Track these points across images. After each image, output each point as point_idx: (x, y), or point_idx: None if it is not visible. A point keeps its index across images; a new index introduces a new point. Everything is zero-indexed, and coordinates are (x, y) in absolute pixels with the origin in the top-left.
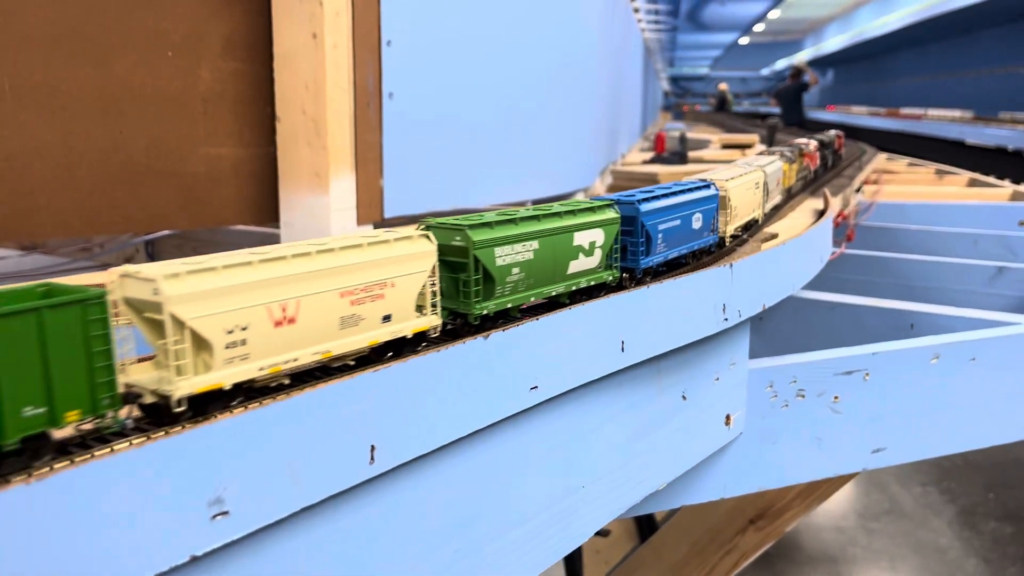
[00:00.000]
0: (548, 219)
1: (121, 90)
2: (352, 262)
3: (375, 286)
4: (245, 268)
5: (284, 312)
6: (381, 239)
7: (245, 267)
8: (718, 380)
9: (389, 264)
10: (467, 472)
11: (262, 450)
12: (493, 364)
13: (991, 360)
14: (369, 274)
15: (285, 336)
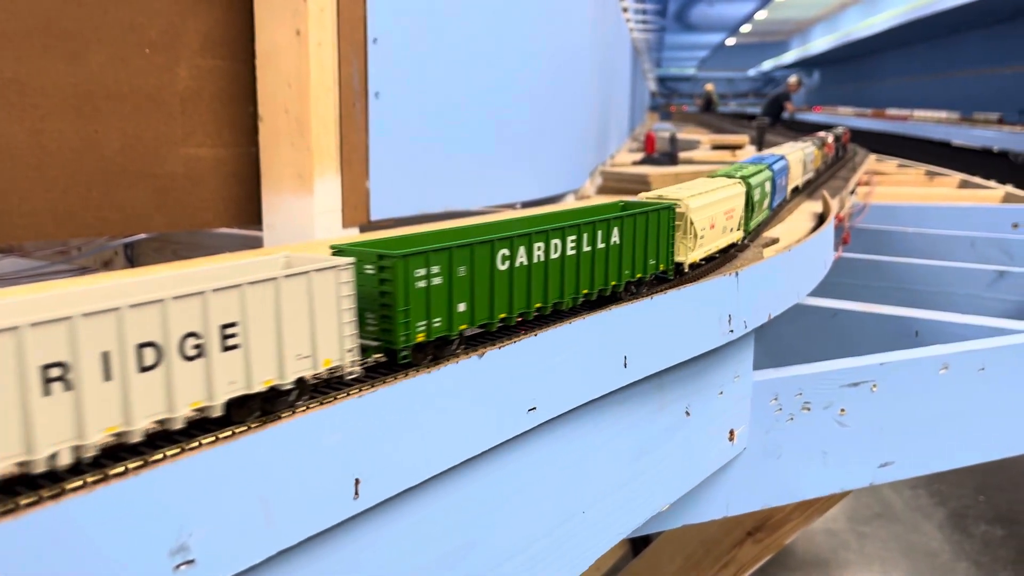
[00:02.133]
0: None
1: (95, 87)
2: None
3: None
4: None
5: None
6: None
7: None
8: (722, 394)
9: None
10: (460, 501)
11: (232, 489)
12: (488, 385)
13: (1000, 370)
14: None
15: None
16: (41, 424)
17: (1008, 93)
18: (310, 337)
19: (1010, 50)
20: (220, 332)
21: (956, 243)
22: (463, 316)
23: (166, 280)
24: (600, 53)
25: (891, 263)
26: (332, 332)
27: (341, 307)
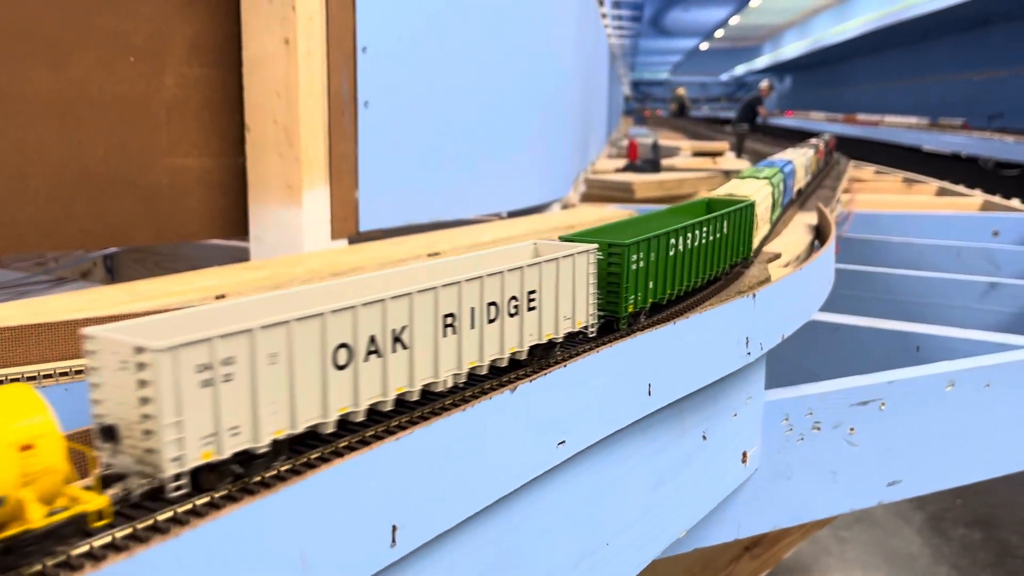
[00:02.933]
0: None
1: (78, 95)
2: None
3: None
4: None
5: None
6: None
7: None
8: (736, 416)
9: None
10: (490, 541)
11: (270, 543)
12: (520, 420)
13: (1006, 386)
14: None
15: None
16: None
17: (975, 99)
18: (571, 303)
19: (977, 56)
20: (527, 297)
21: (942, 252)
22: (652, 291)
23: (450, 266)
24: (582, 61)
25: (883, 274)
26: (583, 300)
27: (589, 281)
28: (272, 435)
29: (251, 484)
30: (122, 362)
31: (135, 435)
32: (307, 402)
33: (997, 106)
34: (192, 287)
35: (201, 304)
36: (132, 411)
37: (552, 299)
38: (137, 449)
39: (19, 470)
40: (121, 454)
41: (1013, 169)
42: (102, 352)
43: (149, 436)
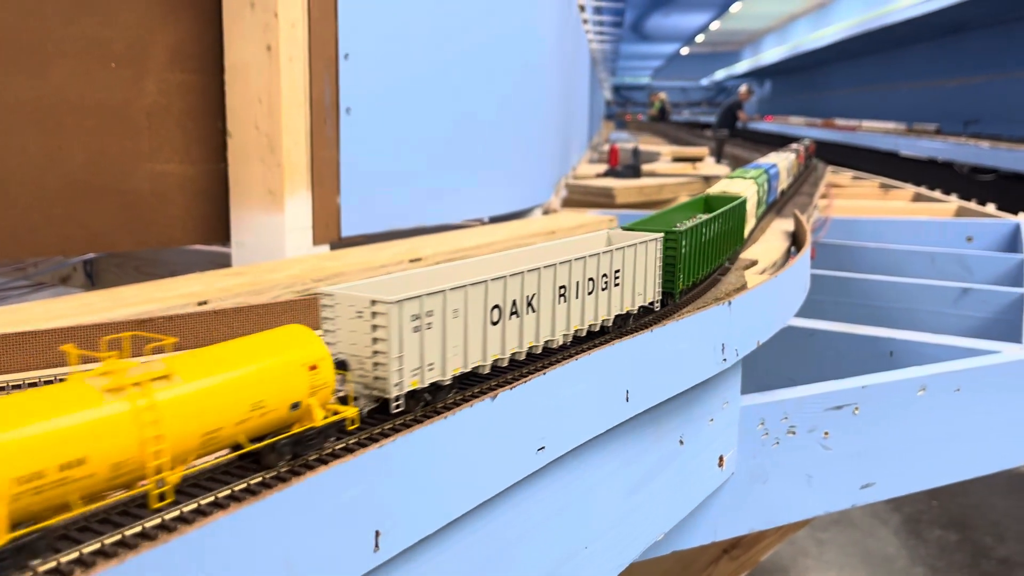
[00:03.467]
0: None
1: (58, 101)
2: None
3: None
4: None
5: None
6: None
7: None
8: (712, 421)
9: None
10: (471, 546)
11: (256, 551)
12: (501, 427)
13: (975, 390)
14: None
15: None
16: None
17: (951, 105)
18: (644, 281)
19: (952, 63)
20: (613, 276)
21: (917, 258)
22: (691, 273)
23: (562, 247)
24: (563, 66)
25: (857, 280)
26: (652, 279)
27: (656, 264)
28: (453, 372)
29: (237, 492)
30: (358, 312)
31: (366, 367)
32: (474, 348)
33: (972, 112)
34: (175, 293)
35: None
36: (364, 349)
37: (631, 278)
38: (367, 377)
39: (309, 383)
40: (349, 383)
41: (988, 174)
42: (339, 305)
43: (378, 367)
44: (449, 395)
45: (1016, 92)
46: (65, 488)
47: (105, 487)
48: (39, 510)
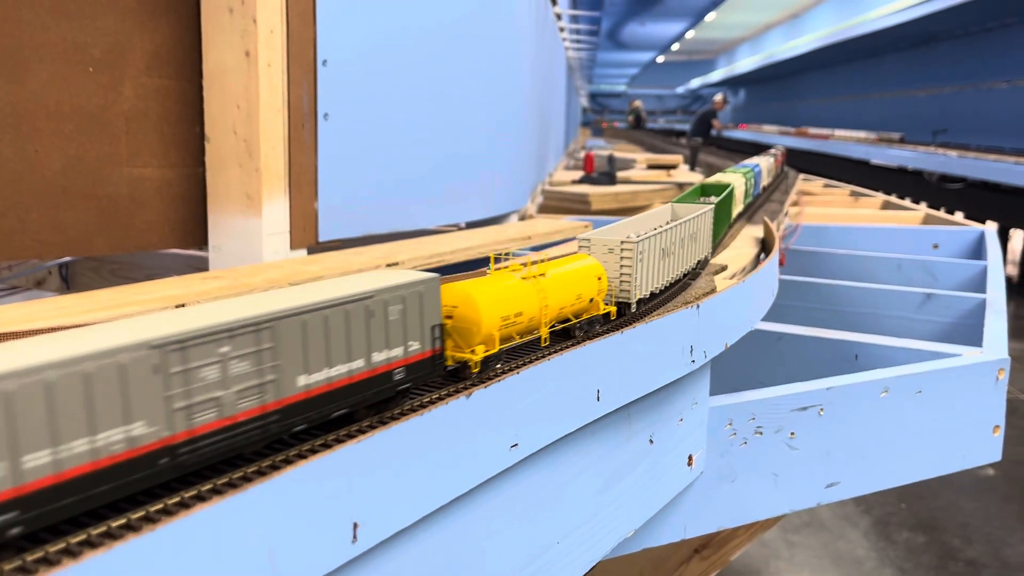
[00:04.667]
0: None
1: (35, 106)
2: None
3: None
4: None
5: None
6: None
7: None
8: (682, 421)
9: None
10: (443, 540)
11: (240, 540)
12: (476, 424)
13: (936, 392)
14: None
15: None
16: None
17: (920, 114)
18: (702, 241)
19: (923, 74)
20: (690, 238)
21: (884, 264)
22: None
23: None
24: (540, 74)
25: (825, 285)
26: (708, 239)
27: (710, 227)
28: (649, 290)
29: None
30: (609, 250)
31: (613, 285)
32: (653, 277)
33: (941, 122)
34: (153, 296)
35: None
36: (614, 273)
37: (696, 239)
38: (614, 291)
39: (597, 287)
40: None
41: (956, 183)
42: (594, 245)
43: (624, 284)
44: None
45: (984, 102)
46: (514, 328)
47: (524, 330)
48: (504, 336)
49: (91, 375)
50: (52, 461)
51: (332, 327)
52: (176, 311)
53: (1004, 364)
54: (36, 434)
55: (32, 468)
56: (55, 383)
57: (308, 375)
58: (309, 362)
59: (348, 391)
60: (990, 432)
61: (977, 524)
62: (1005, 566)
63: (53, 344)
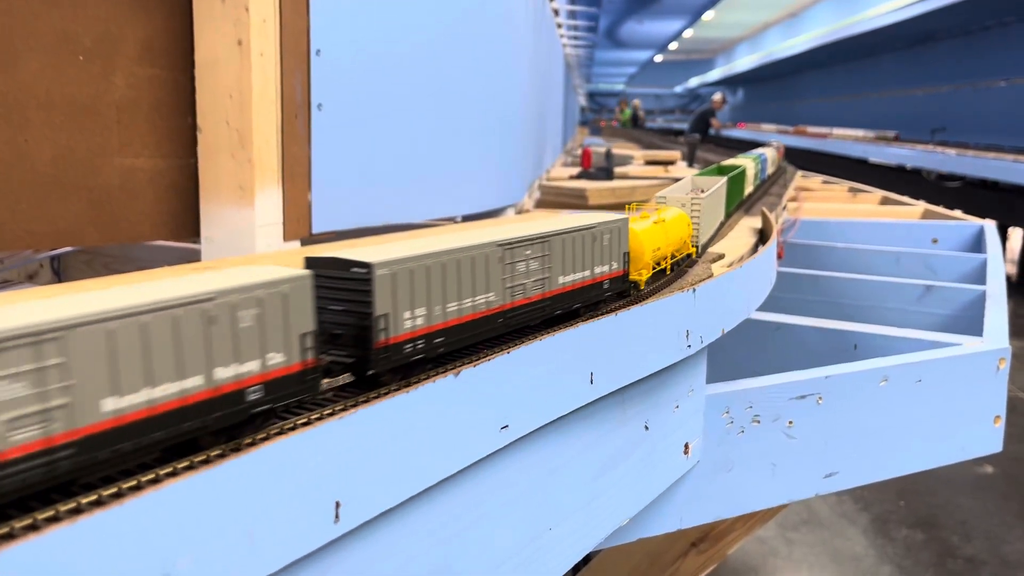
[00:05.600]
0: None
1: (26, 96)
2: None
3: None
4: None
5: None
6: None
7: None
8: (677, 408)
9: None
10: (433, 523)
11: (216, 516)
12: (463, 403)
13: (936, 381)
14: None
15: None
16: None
17: (919, 113)
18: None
19: (921, 72)
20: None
21: (883, 258)
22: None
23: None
24: (538, 69)
25: (825, 277)
26: (723, 206)
27: (724, 196)
28: (707, 237)
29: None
30: (682, 204)
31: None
32: (708, 227)
33: (939, 120)
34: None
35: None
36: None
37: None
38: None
39: (688, 232)
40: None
41: (954, 181)
42: (670, 201)
43: (695, 231)
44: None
45: (982, 101)
46: (657, 256)
47: (660, 258)
48: (653, 263)
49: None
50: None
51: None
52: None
53: (1005, 353)
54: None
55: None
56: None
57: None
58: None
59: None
60: (991, 422)
61: (976, 521)
62: (1004, 563)
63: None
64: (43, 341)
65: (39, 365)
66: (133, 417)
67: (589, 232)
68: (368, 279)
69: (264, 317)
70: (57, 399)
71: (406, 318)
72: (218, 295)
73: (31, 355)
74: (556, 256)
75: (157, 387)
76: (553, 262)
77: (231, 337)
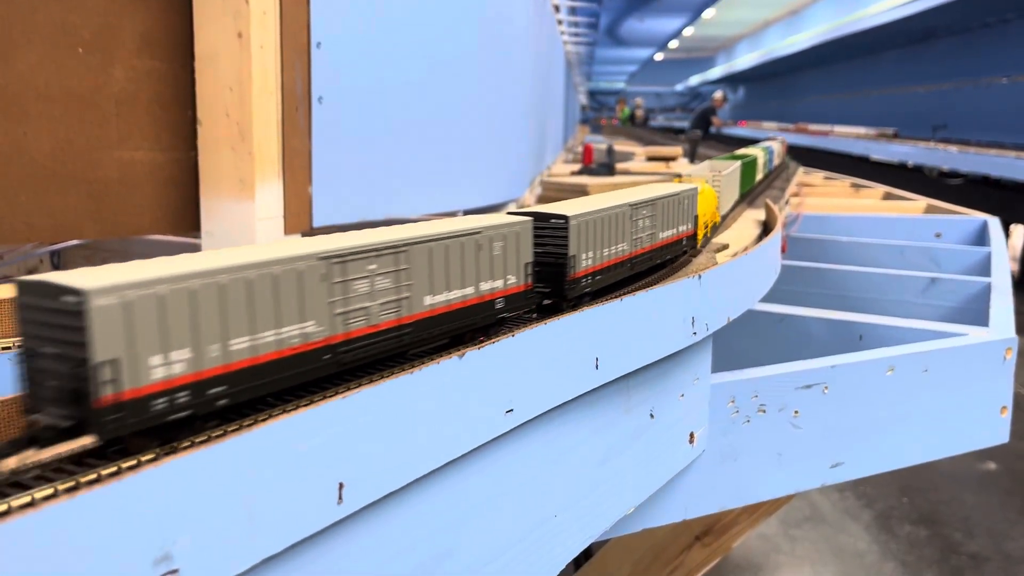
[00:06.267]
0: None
1: (24, 89)
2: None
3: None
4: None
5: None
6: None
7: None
8: (683, 397)
9: None
10: (437, 507)
11: (216, 494)
12: (468, 386)
13: (942, 371)
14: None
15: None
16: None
17: (920, 110)
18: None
19: (922, 70)
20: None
21: (887, 252)
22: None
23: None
24: (538, 64)
25: (829, 270)
26: (738, 188)
27: (740, 179)
28: (727, 210)
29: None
30: (705, 181)
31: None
32: (727, 200)
33: (940, 117)
34: None
35: None
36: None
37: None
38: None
39: (715, 204)
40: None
41: (956, 178)
42: (695, 176)
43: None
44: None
45: (983, 98)
46: (705, 219)
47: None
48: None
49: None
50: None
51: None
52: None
53: (1012, 344)
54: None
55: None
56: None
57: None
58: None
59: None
60: (997, 413)
61: (979, 518)
62: (1008, 559)
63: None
64: (399, 251)
65: (396, 268)
66: (440, 311)
67: (675, 199)
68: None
69: (507, 248)
70: (404, 292)
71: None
72: (483, 230)
73: (393, 261)
74: (659, 217)
75: (451, 292)
76: (656, 221)
77: (489, 261)
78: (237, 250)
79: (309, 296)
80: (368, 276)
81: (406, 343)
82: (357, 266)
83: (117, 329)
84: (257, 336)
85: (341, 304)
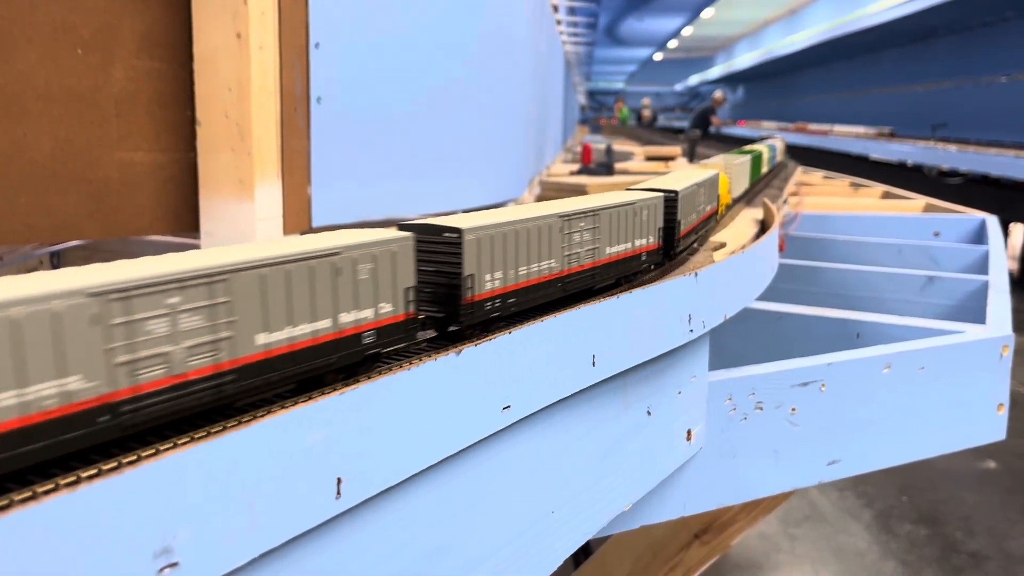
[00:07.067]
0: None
1: (24, 88)
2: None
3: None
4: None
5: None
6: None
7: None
8: (680, 394)
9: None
10: (435, 502)
11: (216, 488)
12: (465, 382)
13: (939, 369)
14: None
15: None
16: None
17: (920, 109)
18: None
19: (922, 69)
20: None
21: (885, 251)
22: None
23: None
24: (537, 64)
25: (827, 269)
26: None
27: (746, 173)
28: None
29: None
30: (719, 169)
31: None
32: (738, 187)
33: (940, 116)
34: None
35: None
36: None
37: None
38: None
39: (729, 187)
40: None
41: (956, 177)
42: (711, 164)
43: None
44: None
45: (983, 97)
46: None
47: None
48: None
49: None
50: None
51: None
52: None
53: (1008, 341)
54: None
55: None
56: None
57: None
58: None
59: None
60: (994, 410)
61: (979, 517)
62: (1008, 558)
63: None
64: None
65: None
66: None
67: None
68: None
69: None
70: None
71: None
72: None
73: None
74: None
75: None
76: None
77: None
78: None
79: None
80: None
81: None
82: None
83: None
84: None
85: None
